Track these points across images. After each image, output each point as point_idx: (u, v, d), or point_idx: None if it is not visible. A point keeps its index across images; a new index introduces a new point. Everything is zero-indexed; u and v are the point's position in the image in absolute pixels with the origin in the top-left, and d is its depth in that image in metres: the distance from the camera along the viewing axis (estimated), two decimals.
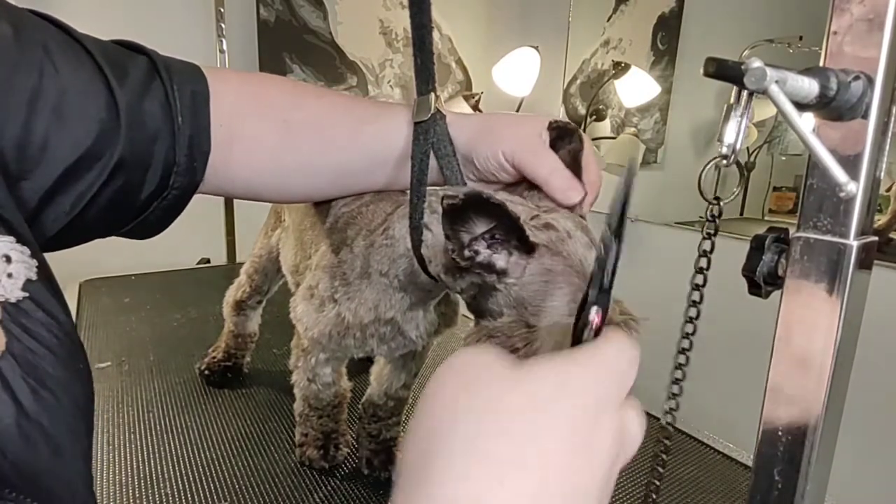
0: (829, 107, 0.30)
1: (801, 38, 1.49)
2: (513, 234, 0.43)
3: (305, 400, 0.75)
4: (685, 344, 0.44)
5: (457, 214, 0.42)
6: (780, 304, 0.36)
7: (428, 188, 0.56)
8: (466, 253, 0.44)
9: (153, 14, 1.59)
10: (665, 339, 0.44)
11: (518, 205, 0.49)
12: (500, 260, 0.44)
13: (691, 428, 0.90)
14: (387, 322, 0.62)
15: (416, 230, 0.54)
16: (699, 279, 0.42)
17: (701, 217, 0.41)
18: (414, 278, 0.58)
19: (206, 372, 0.97)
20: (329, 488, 0.72)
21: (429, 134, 0.56)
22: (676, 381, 0.45)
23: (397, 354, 0.72)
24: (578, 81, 2.01)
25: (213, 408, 0.89)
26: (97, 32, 0.46)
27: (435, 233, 0.53)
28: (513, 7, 2.20)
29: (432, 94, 0.56)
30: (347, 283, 0.63)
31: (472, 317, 0.52)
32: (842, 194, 0.27)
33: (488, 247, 0.44)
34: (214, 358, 0.99)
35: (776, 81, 0.25)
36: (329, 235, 0.67)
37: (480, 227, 0.43)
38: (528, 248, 0.43)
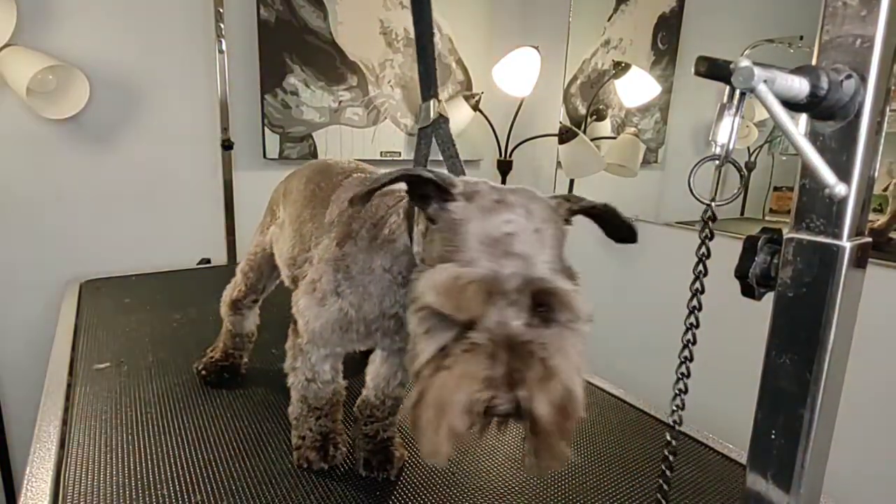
0: (821, 106, 0.30)
1: (801, 37, 1.49)
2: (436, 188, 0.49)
3: (304, 401, 0.75)
4: (686, 353, 0.44)
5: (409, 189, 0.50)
6: (772, 306, 0.36)
7: None
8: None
9: (153, 14, 1.59)
10: (666, 339, 0.44)
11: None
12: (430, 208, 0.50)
13: (691, 429, 0.90)
14: (391, 317, 0.63)
15: (412, 230, 0.56)
16: (698, 284, 0.42)
17: (701, 217, 0.41)
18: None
19: (203, 372, 0.97)
20: (327, 490, 0.72)
21: (431, 138, 0.59)
22: (679, 393, 0.45)
23: (397, 347, 0.72)
24: (579, 81, 2.01)
25: (212, 409, 0.89)
26: (97, 32, 0.46)
27: (420, 230, 0.55)
28: (513, 7, 2.19)
29: (433, 101, 0.59)
30: (350, 276, 0.64)
31: None
32: (830, 196, 0.27)
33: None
34: (212, 358, 0.99)
35: (764, 81, 0.25)
36: (332, 229, 0.69)
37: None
38: (446, 196, 0.49)
